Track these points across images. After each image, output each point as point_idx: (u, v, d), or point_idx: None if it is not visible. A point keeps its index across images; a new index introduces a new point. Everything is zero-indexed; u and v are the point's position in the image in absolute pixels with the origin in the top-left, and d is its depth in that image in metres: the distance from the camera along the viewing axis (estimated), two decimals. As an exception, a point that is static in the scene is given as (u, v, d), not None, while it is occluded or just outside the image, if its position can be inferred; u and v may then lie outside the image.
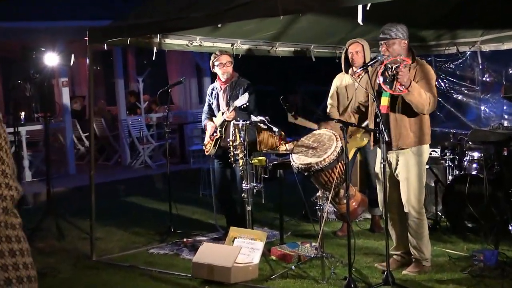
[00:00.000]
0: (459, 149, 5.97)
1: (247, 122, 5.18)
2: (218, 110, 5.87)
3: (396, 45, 4.45)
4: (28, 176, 9.55)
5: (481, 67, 7.99)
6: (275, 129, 5.21)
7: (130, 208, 8.07)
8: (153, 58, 5.70)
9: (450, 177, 6.01)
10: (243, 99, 5.40)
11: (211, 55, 5.90)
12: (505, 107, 7.98)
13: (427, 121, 4.57)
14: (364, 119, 4.89)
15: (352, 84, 5.78)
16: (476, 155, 5.80)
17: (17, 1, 10.49)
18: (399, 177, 4.61)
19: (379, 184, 4.71)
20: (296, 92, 13.84)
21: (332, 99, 5.99)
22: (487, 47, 6.88)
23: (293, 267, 4.77)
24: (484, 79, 8.35)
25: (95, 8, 10.95)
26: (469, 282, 4.41)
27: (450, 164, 6.02)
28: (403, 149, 4.53)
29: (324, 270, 4.57)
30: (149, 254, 5.65)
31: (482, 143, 5.63)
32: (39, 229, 6.28)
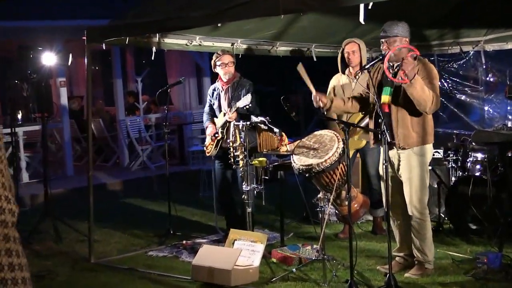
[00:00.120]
0: (462, 150, 5.94)
1: (248, 122, 5.14)
2: (220, 110, 5.84)
3: (397, 43, 4.41)
4: (25, 177, 9.53)
5: (484, 67, 7.96)
6: (276, 129, 5.19)
7: (129, 210, 8.05)
8: (152, 58, 5.67)
9: (453, 178, 5.98)
10: (245, 100, 5.35)
11: (211, 54, 5.86)
12: (509, 107, 7.94)
13: (430, 120, 4.53)
14: (363, 109, 4.83)
15: (349, 84, 5.77)
16: (479, 156, 5.77)
17: (14, 0, 10.44)
18: (402, 178, 4.58)
19: (382, 185, 4.67)
20: (297, 92, 13.81)
21: None
22: (490, 47, 6.84)
23: (294, 269, 4.75)
24: (488, 79, 8.32)
25: (94, 7, 10.91)
26: (472, 285, 4.37)
27: (453, 165, 5.98)
28: (405, 149, 4.50)
29: (325, 273, 4.54)
30: (148, 256, 5.62)
31: (485, 144, 5.61)
32: (36, 231, 6.27)
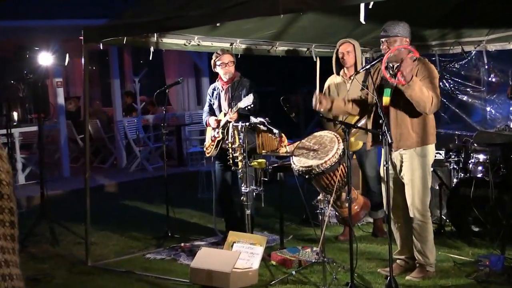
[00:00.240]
0: (464, 152, 5.92)
1: (246, 123, 5.10)
2: (220, 110, 5.81)
3: (398, 43, 4.41)
4: (21, 179, 9.51)
5: (486, 67, 7.98)
6: (275, 130, 5.16)
7: (126, 212, 8.02)
8: (150, 58, 5.65)
9: (455, 180, 5.97)
10: (247, 101, 5.30)
11: (209, 55, 5.83)
12: (511, 108, 7.94)
13: (431, 121, 4.51)
14: (363, 112, 4.81)
15: (344, 86, 5.75)
16: (481, 157, 5.75)
17: (13, 0, 10.40)
18: (403, 179, 4.56)
19: (383, 187, 4.66)
20: (297, 92, 13.80)
21: None
22: (493, 47, 6.81)
23: (293, 272, 4.73)
24: (490, 79, 8.34)
25: (93, 7, 10.86)
26: (474, 288, 4.38)
27: (455, 166, 5.98)
28: (404, 150, 4.48)
29: (325, 276, 4.52)
30: (145, 259, 5.59)
31: (487, 145, 5.59)
32: (32, 233, 6.23)
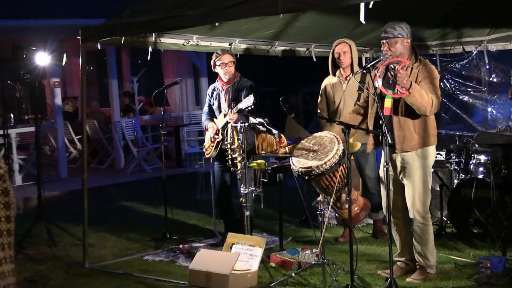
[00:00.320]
0: (465, 152, 5.92)
1: (246, 124, 5.08)
2: (219, 111, 5.79)
3: (399, 44, 4.40)
4: (18, 180, 9.48)
5: (487, 67, 8.00)
6: (275, 131, 5.16)
7: (124, 213, 8.01)
8: (148, 58, 5.65)
9: (455, 181, 5.96)
10: (247, 102, 5.26)
11: (208, 54, 5.81)
12: (512, 108, 7.99)
13: (432, 122, 4.52)
14: (363, 122, 4.80)
15: (340, 86, 5.74)
16: (482, 158, 5.74)
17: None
18: (404, 181, 4.55)
19: (383, 188, 4.64)
20: (297, 92, 13.81)
21: (321, 104, 5.95)
22: (494, 47, 6.81)
23: (293, 274, 4.70)
24: (491, 79, 8.37)
25: (92, 6, 10.82)
26: (475, 290, 4.37)
27: (456, 167, 5.98)
28: (407, 151, 4.47)
29: (325, 278, 4.50)
30: (144, 261, 5.57)
31: (489, 146, 5.57)
32: (29, 235, 6.20)
